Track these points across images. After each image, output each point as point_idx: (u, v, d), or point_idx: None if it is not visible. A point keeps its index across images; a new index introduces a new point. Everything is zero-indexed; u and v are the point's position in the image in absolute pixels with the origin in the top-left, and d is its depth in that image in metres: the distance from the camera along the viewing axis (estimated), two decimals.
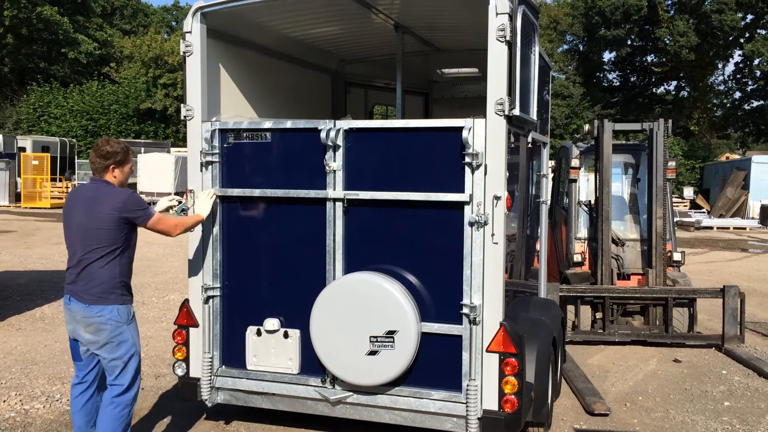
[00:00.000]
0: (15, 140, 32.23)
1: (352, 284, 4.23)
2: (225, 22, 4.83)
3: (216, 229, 4.62)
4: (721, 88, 43.76)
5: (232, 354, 4.65)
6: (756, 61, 37.42)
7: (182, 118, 4.65)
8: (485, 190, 4.01)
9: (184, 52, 4.62)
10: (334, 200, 4.33)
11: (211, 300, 4.65)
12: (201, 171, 4.61)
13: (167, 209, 4.52)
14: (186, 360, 4.72)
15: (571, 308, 7.71)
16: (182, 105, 4.66)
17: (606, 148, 8.03)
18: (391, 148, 4.27)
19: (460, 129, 4.01)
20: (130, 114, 38.48)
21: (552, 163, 10.96)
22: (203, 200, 4.48)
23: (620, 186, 9.29)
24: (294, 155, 4.48)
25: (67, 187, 30.61)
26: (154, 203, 4.49)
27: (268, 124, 4.52)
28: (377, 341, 4.12)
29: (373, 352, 4.13)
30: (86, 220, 4.01)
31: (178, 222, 4.24)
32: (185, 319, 4.71)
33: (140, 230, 4.21)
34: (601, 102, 40.05)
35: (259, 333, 4.52)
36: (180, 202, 4.65)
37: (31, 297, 9.89)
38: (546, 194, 6.12)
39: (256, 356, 4.54)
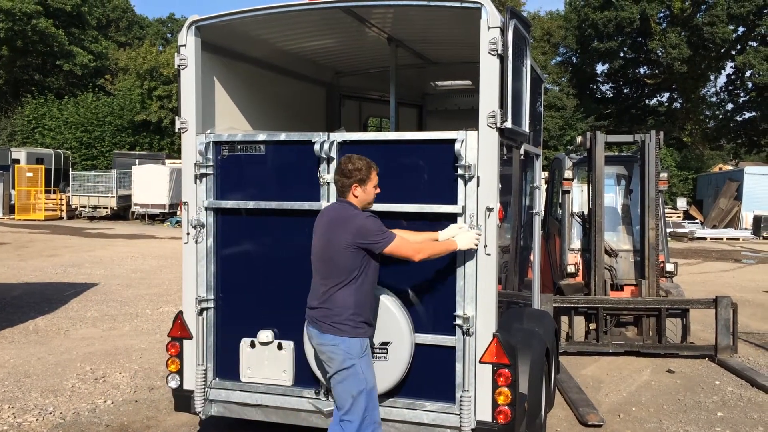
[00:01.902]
0: (9, 152, 32.19)
1: None
2: (219, 36, 4.87)
3: (210, 241, 4.63)
4: (714, 99, 44.05)
5: (226, 366, 4.64)
6: (748, 73, 37.67)
7: (177, 130, 4.67)
8: (478, 201, 4.04)
9: (178, 65, 4.65)
10: None
11: (205, 312, 4.65)
12: (195, 183, 4.62)
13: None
14: (180, 372, 4.71)
15: (564, 319, 7.72)
16: (177, 117, 4.68)
17: (599, 160, 8.09)
18: (384, 161, 4.28)
19: (452, 141, 4.05)
20: (125, 126, 38.47)
21: (545, 174, 11.02)
22: (467, 235, 3.97)
23: (613, 197, 9.34)
24: (288, 167, 4.50)
25: (61, 199, 30.57)
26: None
27: (262, 136, 4.55)
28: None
29: None
30: (324, 245, 3.87)
31: (421, 247, 3.86)
32: (179, 331, 4.71)
33: (130, 244, 4.20)
34: (594, 113, 40.24)
35: (252, 345, 4.51)
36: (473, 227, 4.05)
37: (25, 309, 9.85)
38: (539, 205, 6.16)
39: (249, 368, 4.54)
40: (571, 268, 8.53)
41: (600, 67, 44.18)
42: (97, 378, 6.64)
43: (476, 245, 4.00)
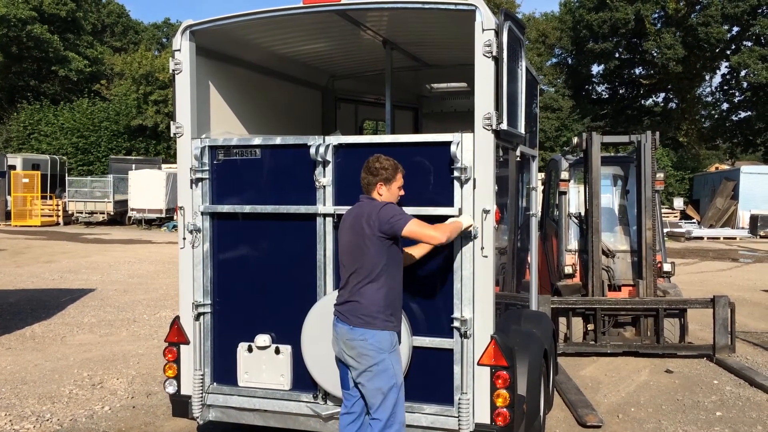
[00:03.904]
0: (5, 158, 32.15)
1: None
2: (214, 40, 4.86)
3: (207, 246, 4.62)
4: (709, 99, 44.20)
5: (224, 371, 4.63)
6: (743, 73, 37.81)
7: (172, 135, 4.66)
8: (474, 203, 4.03)
9: (173, 70, 4.64)
10: (324, 215, 4.34)
11: (201, 317, 4.63)
12: (191, 188, 4.61)
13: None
14: (177, 377, 4.69)
15: (562, 320, 7.73)
16: (172, 122, 4.67)
17: (595, 161, 8.10)
18: None
19: (448, 144, 4.04)
20: (121, 131, 38.45)
21: (542, 175, 11.03)
22: (465, 216, 4.00)
23: (610, 198, 9.35)
24: (284, 171, 4.49)
25: (57, 205, 30.51)
26: None
27: (257, 140, 4.54)
28: None
29: None
30: (352, 239, 3.86)
31: (439, 230, 3.78)
32: (176, 337, 4.69)
33: (127, 249, 4.17)
34: (590, 114, 40.34)
35: (250, 349, 4.50)
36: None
37: (21, 316, 9.82)
38: (536, 207, 6.15)
39: (247, 373, 4.53)
40: (568, 269, 8.54)
41: (595, 68, 44.39)
42: (94, 384, 6.61)
43: (473, 224, 4.01)
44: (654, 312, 7.61)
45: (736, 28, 37.27)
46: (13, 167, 31.49)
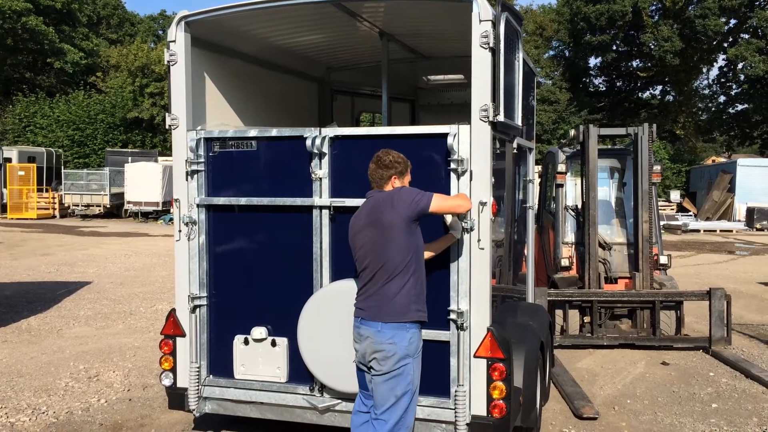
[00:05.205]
0: (1, 151, 32.02)
1: (339, 292, 4.22)
2: (209, 31, 4.83)
3: (202, 238, 4.60)
4: (706, 92, 44.20)
5: (220, 363, 4.62)
6: (740, 65, 37.79)
7: (167, 127, 4.64)
8: (471, 195, 4.02)
9: (168, 61, 4.61)
10: (321, 208, 4.33)
11: (198, 309, 4.63)
12: (186, 180, 4.59)
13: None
14: (173, 370, 4.69)
15: (559, 312, 7.73)
16: (167, 114, 4.65)
17: (592, 153, 8.10)
18: None
19: (445, 135, 4.03)
20: (117, 123, 38.29)
21: (538, 168, 11.02)
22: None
23: (607, 190, 9.35)
24: (280, 163, 4.48)
25: (53, 198, 30.43)
26: None
27: (253, 132, 4.52)
28: None
29: None
30: (372, 236, 3.77)
31: (460, 199, 3.88)
32: (172, 329, 4.68)
33: (123, 242, 4.15)
34: (587, 107, 40.30)
35: (246, 342, 4.50)
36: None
37: (17, 309, 9.80)
38: (533, 199, 6.15)
39: (243, 365, 4.52)
40: (565, 262, 8.54)
41: (593, 61, 44.33)
42: (90, 377, 6.60)
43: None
44: (650, 304, 7.62)
45: (733, 21, 37.21)
46: (9, 160, 31.38)
